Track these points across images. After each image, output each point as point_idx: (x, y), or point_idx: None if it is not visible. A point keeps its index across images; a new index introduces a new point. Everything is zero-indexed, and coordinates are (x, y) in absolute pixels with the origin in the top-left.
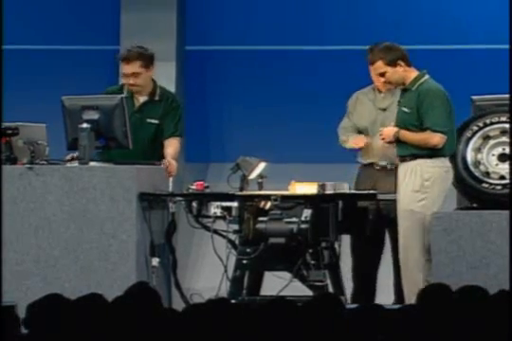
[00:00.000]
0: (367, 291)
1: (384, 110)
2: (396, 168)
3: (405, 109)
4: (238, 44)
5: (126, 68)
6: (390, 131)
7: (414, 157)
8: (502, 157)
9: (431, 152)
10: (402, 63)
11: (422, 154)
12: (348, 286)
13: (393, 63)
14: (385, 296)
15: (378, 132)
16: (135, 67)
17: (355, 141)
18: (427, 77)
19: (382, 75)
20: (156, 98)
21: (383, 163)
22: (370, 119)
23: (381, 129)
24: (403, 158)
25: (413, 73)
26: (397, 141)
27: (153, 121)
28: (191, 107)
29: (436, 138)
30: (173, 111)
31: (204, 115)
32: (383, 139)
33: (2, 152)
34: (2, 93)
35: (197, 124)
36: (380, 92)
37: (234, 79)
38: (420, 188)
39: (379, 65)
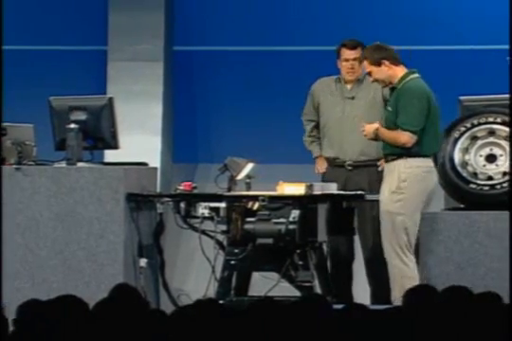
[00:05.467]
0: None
1: (352, 98)
2: (366, 166)
3: (389, 108)
4: (226, 45)
5: None
6: (370, 127)
7: (395, 157)
8: (489, 158)
9: (410, 152)
10: (387, 63)
11: (401, 154)
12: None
13: (377, 63)
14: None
15: (348, 121)
16: None
17: (318, 168)
18: (413, 76)
19: (369, 74)
20: None
21: (353, 160)
22: (338, 109)
23: (363, 124)
24: (386, 158)
25: (401, 72)
26: (378, 139)
27: None
28: (178, 107)
29: (404, 137)
30: None
31: (192, 115)
32: (365, 136)
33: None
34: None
35: (185, 124)
36: (346, 82)
37: (222, 79)
38: (396, 189)
39: (366, 65)
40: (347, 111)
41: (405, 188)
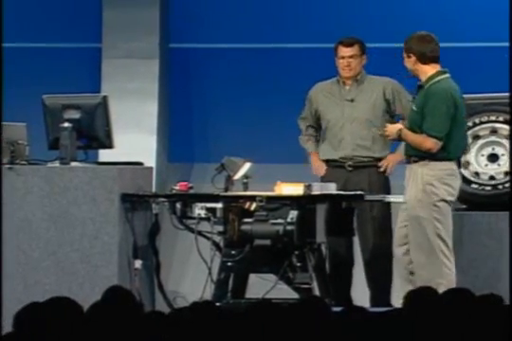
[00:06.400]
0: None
1: (351, 101)
2: (366, 167)
3: (414, 107)
4: (223, 42)
5: None
6: (393, 128)
7: (418, 159)
8: (491, 157)
9: (434, 156)
10: (413, 57)
11: (425, 156)
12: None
13: (406, 52)
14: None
15: (348, 123)
16: None
17: (316, 171)
18: (443, 76)
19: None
20: None
21: (353, 159)
22: (337, 111)
23: (387, 125)
24: (408, 159)
25: (429, 71)
26: (401, 140)
27: None
28: (174, 106)
29: (429, 143)
30: None
31: (188, 113)
32: (387, 136)
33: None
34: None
35: (181, 123)
36: (345, 84)
37: (219, 77)
38: (422, 193)
39: (404, 51)
40: (347, 113)
41: (430, 191)
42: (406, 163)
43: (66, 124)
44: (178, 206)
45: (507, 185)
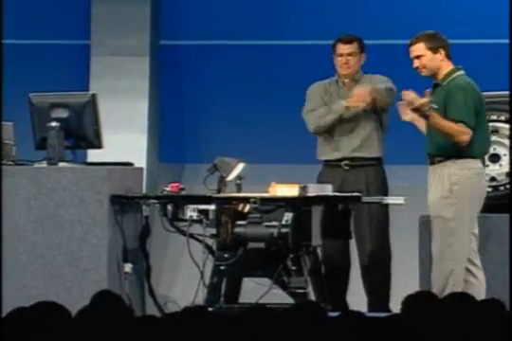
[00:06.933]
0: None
1: None
2: (363, 166)
3: (434, 105)
4: (216, 39)
5: None
6: (415, 97)
7: (443, 159)
8: (492, 158)
9: (460, 153)
10: (443, 53)
11: (450, 155)
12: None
13: (434, 49)
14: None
15: (345, 124)
16: None
17: (357, 98)
18: (460, 72)
19: (418, 57)
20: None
21: (351, 160)
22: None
23: (404, 92)
24: (431, 160)
25: (449, 67)
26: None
27: None
28: (165, 105)
29: (465, 136)
30: None
31: (179, 112)
32: (407, 102)
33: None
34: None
35: (172, 122)
36: (344, 84)
37: (211, 75)
38: (449, 194)
39: (419, 47)
40: (346, 114)
41: (457, 191)
42: (429, 164)
43: (54, 123)
44: (169, 207)
45: (509, 186)
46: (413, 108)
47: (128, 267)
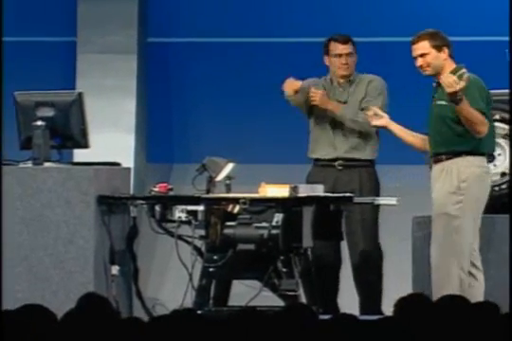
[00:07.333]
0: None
1: (345, 103)
2: (356, 167)
3: (441, 102)
4: (204, 36)
5: None
6: (456, 80)
7: (451, 156)
8: (490, 158)
9: (469, 150)
10: (447, 51)
11: (459, 152)
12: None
13: (438, 48)
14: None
15: (339, 124)
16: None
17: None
18: (463, 70)
19: (422, 56)
20: None
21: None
22: (329, 112)
23: (445, 74)
24: (438, 158)
25: (451, 66)
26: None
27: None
28: (153, 103)
29: (485, 127)
30: None
31: (167, 111)
32: (449, 87)
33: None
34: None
35: (160, 121)
36: (339, 85)
37: (199, 73)
38: (456, 190)
39: (423, 46)
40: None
41: (465, 189)
42: (434, 162)
43: (39, 122)
44: (157, 208)
45: (504, 186)
46: (453, 91)
47: (115, 269)
